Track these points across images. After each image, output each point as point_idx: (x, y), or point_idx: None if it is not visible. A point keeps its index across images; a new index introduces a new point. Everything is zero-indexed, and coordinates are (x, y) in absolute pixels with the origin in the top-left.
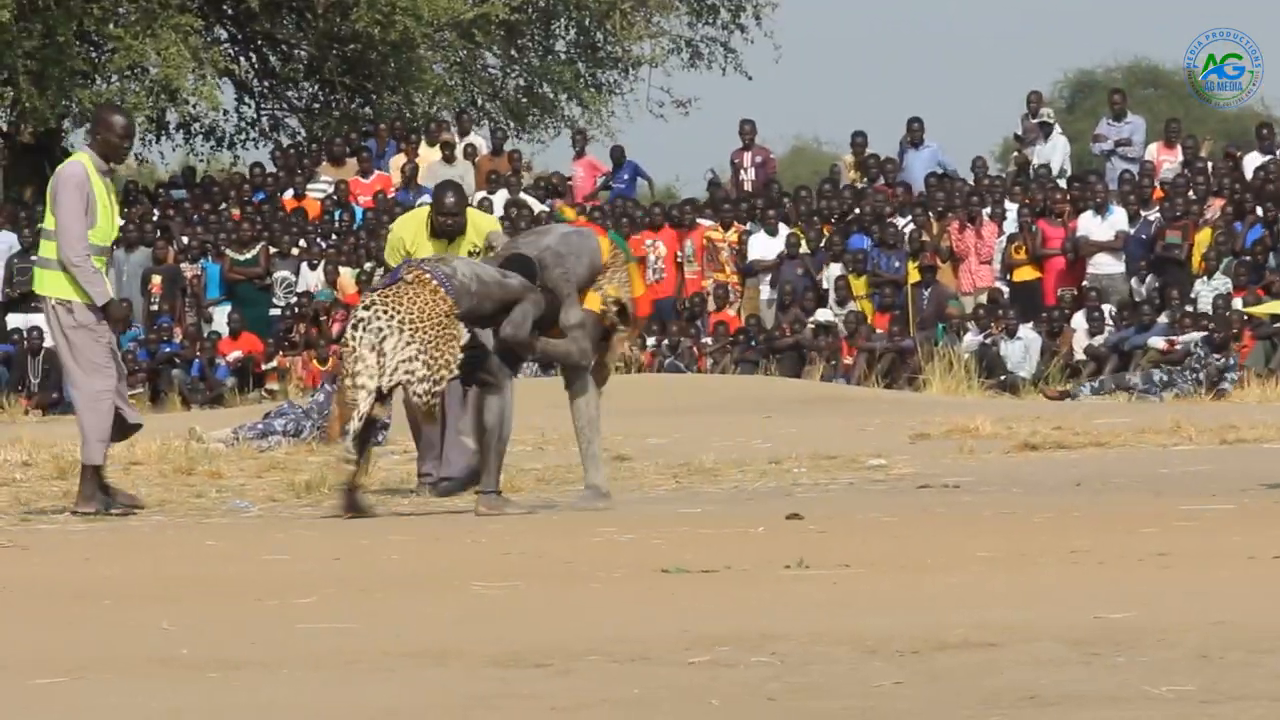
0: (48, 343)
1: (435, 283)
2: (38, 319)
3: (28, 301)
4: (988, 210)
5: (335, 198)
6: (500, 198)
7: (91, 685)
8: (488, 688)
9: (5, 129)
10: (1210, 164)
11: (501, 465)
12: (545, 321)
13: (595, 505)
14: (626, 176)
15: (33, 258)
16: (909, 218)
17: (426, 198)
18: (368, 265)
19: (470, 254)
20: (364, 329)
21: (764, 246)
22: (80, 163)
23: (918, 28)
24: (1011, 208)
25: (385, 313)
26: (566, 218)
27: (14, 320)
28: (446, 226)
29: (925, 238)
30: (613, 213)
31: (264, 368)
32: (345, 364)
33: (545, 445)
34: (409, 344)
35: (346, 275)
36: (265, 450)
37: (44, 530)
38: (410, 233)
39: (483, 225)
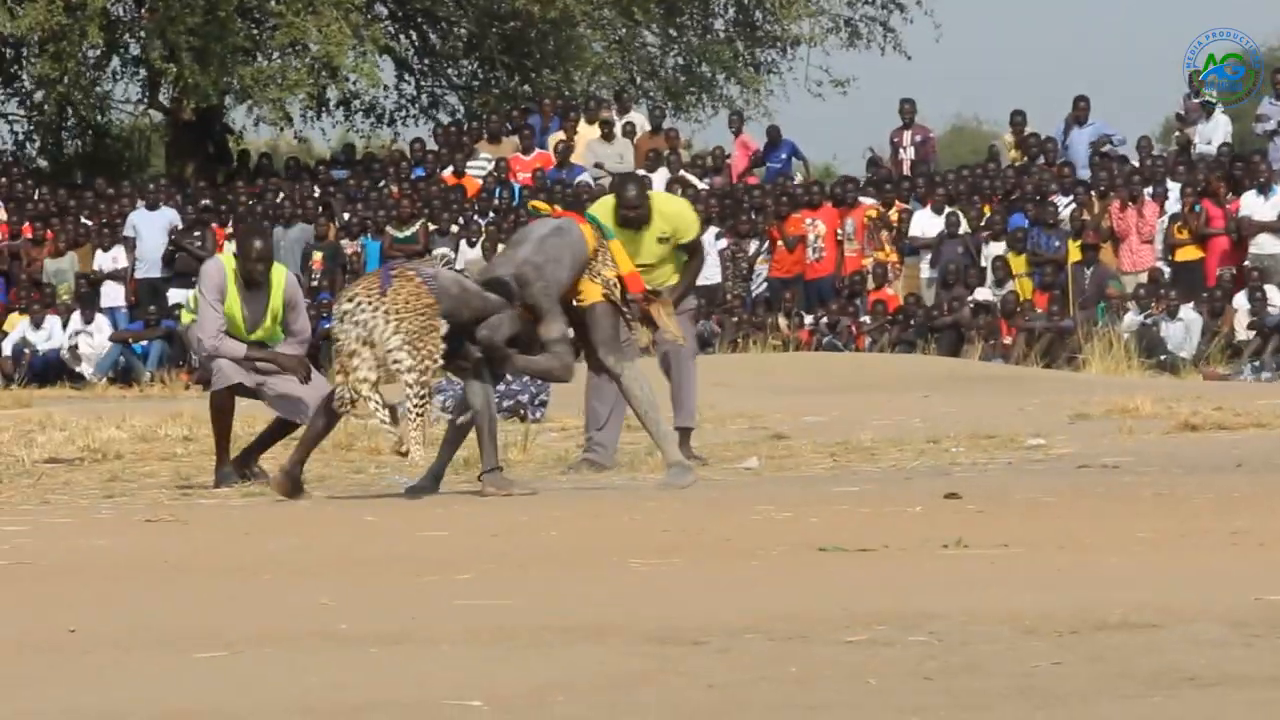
0: None
1: (420, 279)
2: None
3: (188, 278)
4: (1150, 190)
5: (496, 175)
6: (660, 176)
7: (252, 659)
8: (645, 664)
9: (167, 105)
10: None
11: (497, 444)
12: (528, 338)
13: (684, 482)
14: (784, 156)
15: None
16: (1070, 197)
17: (583, 176)
18: None
19: (660, 240)
20: (349, 321)
21: (926, 225)
22: (220, 263)
23: (1077, 6)
24: (1173, 187)
25: (370, 304)
26: (542, 212)
27: (175, 295)
28: (629, 218)
29: (1086, 217)
30: (773, 191)
31: None
32: (339, 359)
33: (702, 424)
34: (395, 334)
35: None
36: None
37: (204, 505)
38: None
39: (668, 209)
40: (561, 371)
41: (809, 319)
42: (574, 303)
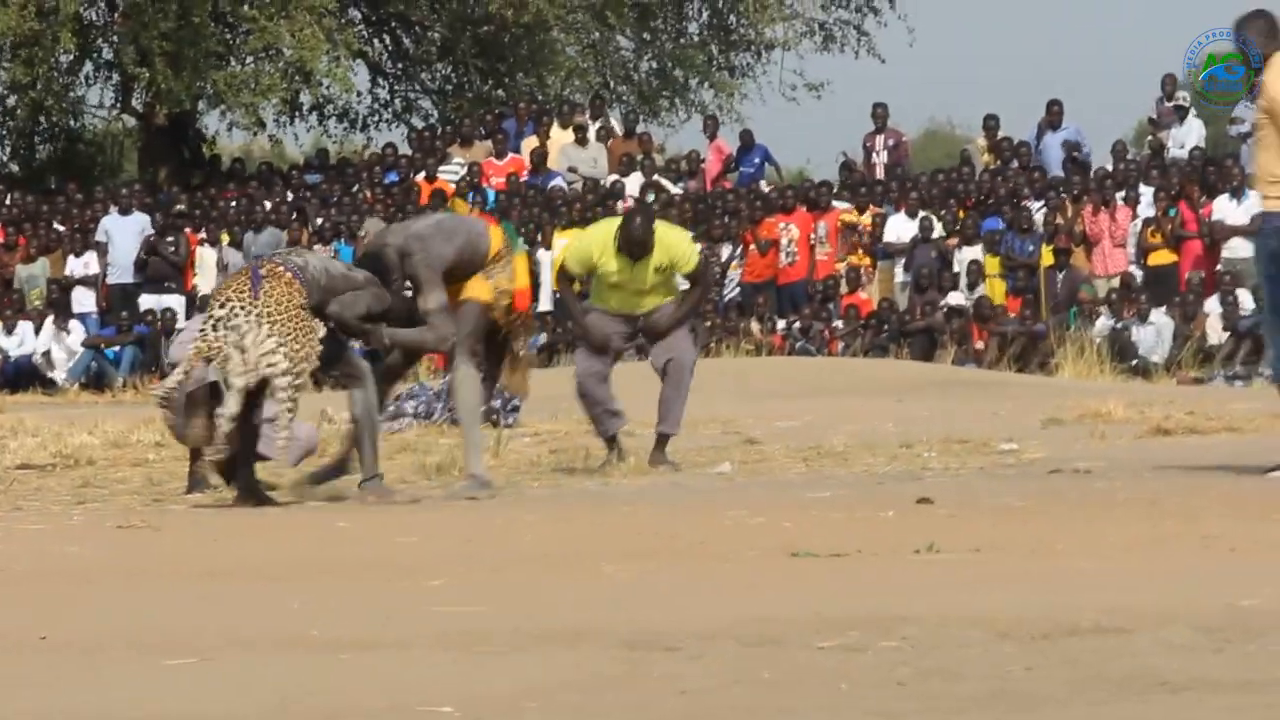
0: (180, 324)
1: (289, 275)
2: (170, 300)
3: (161, 283)
4: (1122, 194)
5: (468, 179)
6: (634, 180)
7: (223, 665)
8: (618, 669)
9: (140, 110)
10: None
11: (378, 452)
12: (407, 314)
13: (476, 494)
14: (757, 160)
15: None
16: (1043, 201)
17: (557, 180)
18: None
19: (657, 270)
20: (224, 327)
21: (899, 229)
22: None
23: (1051, 11)
24: (1146, 191)
25: (243, 309)
26: (458, 212)
27: (147, 301)
28: (633, 250)
29: (1059, 221)
30: (746, 195)
31: None
32: (215, 363)
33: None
34: (269, 337)
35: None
36: (396, 432)
37: (175, 511)
38: (599, 248)
39: (667, 240)
40: (435, 343)
41: (782, 323)
42: (460, 298)
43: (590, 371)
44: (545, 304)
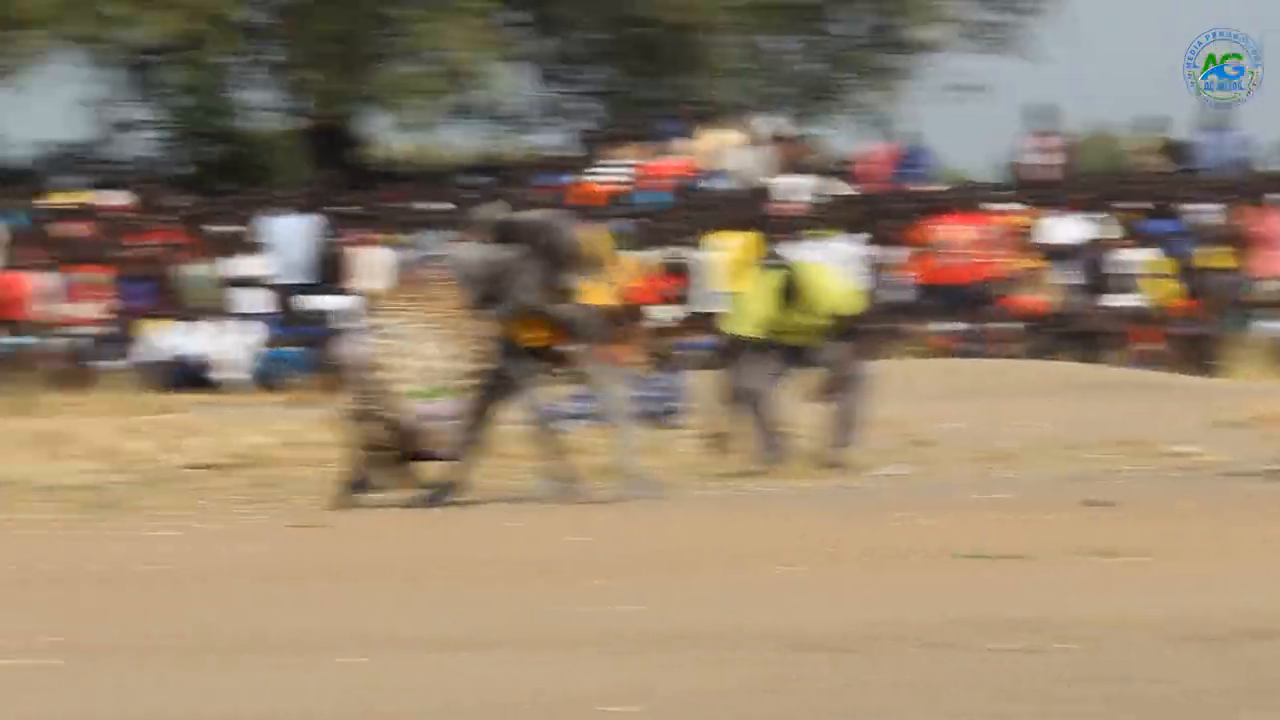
0: (347, 325)
1: (450, 278)
2: (336, 301)
3: (327, 284)
4: None
5: (630, 181)
6: (798, 182)
7: (390, 663)
8: (782, 670)
9: (305, 112)
10: None
11: (561, 452)
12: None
13: (647, 493)
14: (920, 162)
15: None
16: (1210, 203)
17: (721, 182)
18: (664, 251)
19: (814, 313)
20: (391, 335)
21: (1065, 230)
22: None
23: (1213, 11)
24: None
25: (410, 317)
26: None
27: (314, 302)
28: (788, 300)
29: (1225, 222)
30: (911, 197)
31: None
32: (383, 373)
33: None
34: (435, 343)
35: (636, 260)
36: (560, 433)
37: (348, 511)
38: (761, 302)
39: (825, 285)
40: (586, 321)
41: (949, 325)
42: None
43: (754, 390)
44: (701, 306)
